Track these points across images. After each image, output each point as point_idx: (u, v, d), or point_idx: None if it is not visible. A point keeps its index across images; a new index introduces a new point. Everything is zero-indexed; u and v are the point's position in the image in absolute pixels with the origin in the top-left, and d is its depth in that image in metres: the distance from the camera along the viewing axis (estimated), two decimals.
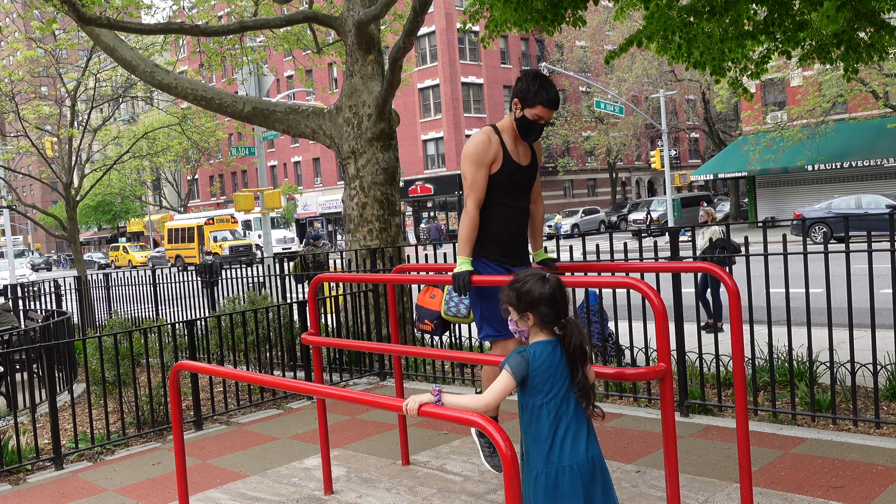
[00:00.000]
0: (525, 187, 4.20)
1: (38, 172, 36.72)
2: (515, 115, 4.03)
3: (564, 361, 2.82)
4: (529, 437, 2.85)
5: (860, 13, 6.95)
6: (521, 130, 4.07)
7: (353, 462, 5.35)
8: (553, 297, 2.83)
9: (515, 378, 2.77)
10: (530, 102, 3.95)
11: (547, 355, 2.81)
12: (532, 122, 4.00)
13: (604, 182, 57.28)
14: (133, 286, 13.61)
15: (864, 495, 4.11)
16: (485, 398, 2.80)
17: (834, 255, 5.40)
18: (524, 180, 4.17)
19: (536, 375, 2.79)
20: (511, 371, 2.77)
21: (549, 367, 2.80)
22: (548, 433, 2.80)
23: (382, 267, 8.10)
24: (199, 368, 4.25)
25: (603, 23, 48.24)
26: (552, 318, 2.83)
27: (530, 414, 2.83)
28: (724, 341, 7.18)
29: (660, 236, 30.93)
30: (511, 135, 4.11)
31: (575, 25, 7.64)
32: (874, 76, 26.20)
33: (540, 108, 3.95)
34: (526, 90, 3.95)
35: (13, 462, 5.86)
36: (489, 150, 4.04)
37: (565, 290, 2.91)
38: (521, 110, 3.99)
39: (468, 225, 4.06)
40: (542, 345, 2.83)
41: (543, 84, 3.94)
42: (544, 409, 2.80)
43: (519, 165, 4.12)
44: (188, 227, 42.49)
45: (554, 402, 2.80)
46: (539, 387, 2.80)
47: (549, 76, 32.05)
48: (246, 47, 15.70)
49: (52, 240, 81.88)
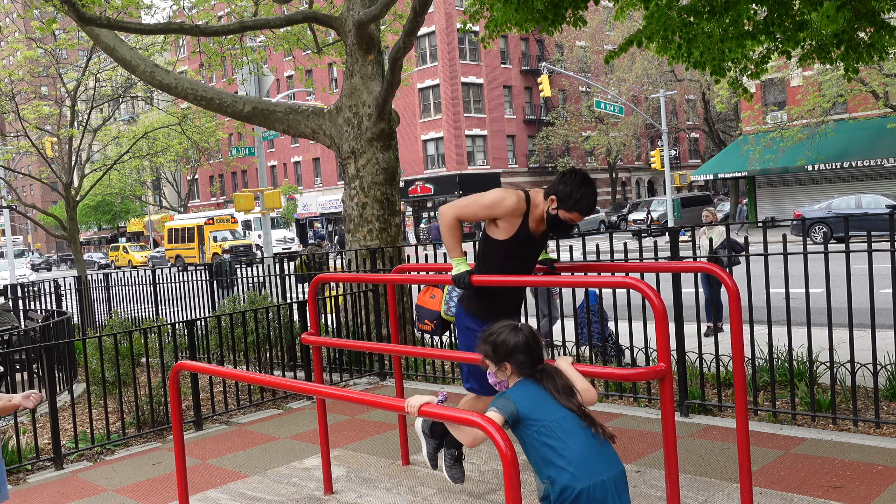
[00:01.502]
0: (534, 255, 4.16)
1: (38, 172, 36.71)
2: (549, 210, 3.93)
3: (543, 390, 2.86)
4: (547, 464, 2.78)
5: (860, 13, 6.95)
6: (550, 225, 3.99)
7: (353, 462, 5.35)
8: (527, 344, 2.91)
9: (504, 415, 2.75)
10: (569, 207, 3.86)
11: (528, 388, 2.87)
12: (562, 222, 3.93)
13: (604, 182, 57.26)
14: (133, 286, 13.61)
15: (864, 495, 4.11)
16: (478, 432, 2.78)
17: (834, 255, 5.40)
18: (534, 248, 4.13)
19: (525, 408, 2.79)
20: (499, 410, 2.77)
21: (534, 396, 2.84)
22: (566, 451, 2.74)
23: (382, 267, 8.10)
24: (199, 368, 4.25)
25: (603, 23, 48.23)
26: (529, 364, 2.90)
27: (534, 445, 2.80)
28: (724, 341, 7.18)
29: (660, 236, 30.91)
30: (538, 214, 4.01)
31: (575, 25, 7.63)
32: (874, 76, 26.19)
33: (576, 214, 3.90)
34: (567, 194, 3.84)
35: (13, 462, 5.86)
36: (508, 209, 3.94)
37: (538, 337, 2.98)
38: (557, 209, 3.90)
39: (449, 230, 4.04)
40: (521, 383, 2.90)
41: (587, 193, 3.84)
42: (546, 436, 2.77)
43: (533, 237, 4.06)
44: (188, 227, 42.48)
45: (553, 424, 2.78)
46: (534, 416, 2.80)
47: (550, 75, 31.40)
48: (246, 47, 15.69)
49: (52, 240, 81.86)
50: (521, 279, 4.00)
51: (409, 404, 2.88)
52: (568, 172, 3.91)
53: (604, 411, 6.18)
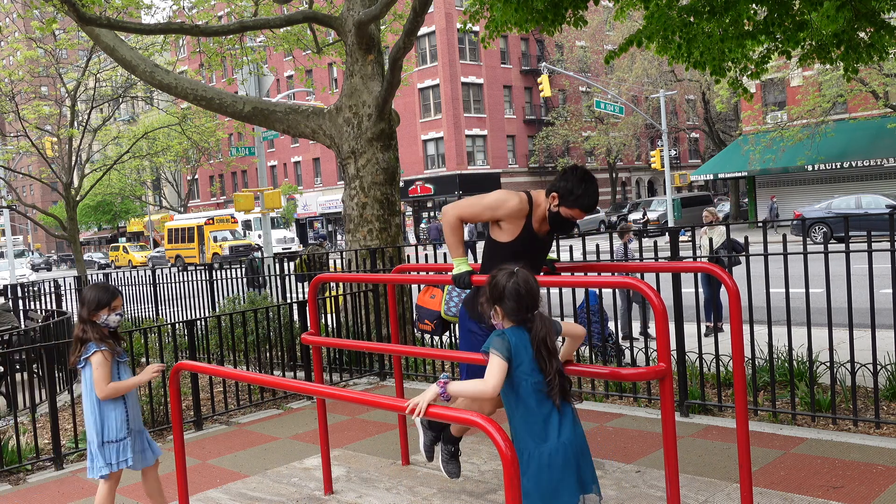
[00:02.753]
0: (539, 255, 4.14)
1: (38, 172, 36.73)
2: (550, 208, 3.93)
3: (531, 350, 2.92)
4: (518, 419, 2.92)
5: (860, 13, 6.95)
6: (551, 223, 3.99)
7: (353, 462, 5.35)
8: (516, 290, 2.90)
9: (503, 357, 2.84)
10: (570, 204, 3.85)
11: (520, 338, 2.90)
12: (564, 219, 3.93)
13: (604, 182, 57.25)
14: (133, 286, 13.61)
15: (864, 495, 4.11)
16: (492, 382, 2.84)
17: (834, 255, 5.40)
18: (539, 250, 4.11)
19: (517, 356, 2.87)
20: (497, 352, 2.85)
21: (526, 349, 2.89)
22: (537, 413, 2.88)
23: (382, 267, 8.10)
24: (199, 368, 4.25)
25: (603, 23, 48.24)
26: (517, 311, 2.91)
27: (514, 393, 2.91)
28: (724, 341, 7.18)
29: (659, 236, 30.91)
30: (541, 213, 4.00)
31: (576, 25, 7.64)
32: (874, 76, 26.20)
33: (577, 211, 3.88)
34: (569, 191, 3.83)
35: (13, 462, 5.86)
36: (510, 211, 3.93)
37: (533, 286, 2.96)
38: (558, 206, 3.89)
39: (451, 230, 4.03)
40: (515, 329, 2.93)
41: (588, 189, 3.83)
42: (532, 391, 2.88)
43: (536, 236, 4.05)
44: (188, 227, 42.47)
45: (539, 383, 2.89)
46: (523, 367, 2.88)
47: (550, 75, 31.34)
48: (246, 47, 15.69)
49: (52, 240, 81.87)
50: None
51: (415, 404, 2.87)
52: (569, 169, 3.90)
53: (604, 411, 6.18)
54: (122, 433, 4.08)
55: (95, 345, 4.03)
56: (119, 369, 4.15)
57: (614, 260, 6.36)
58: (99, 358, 4.02)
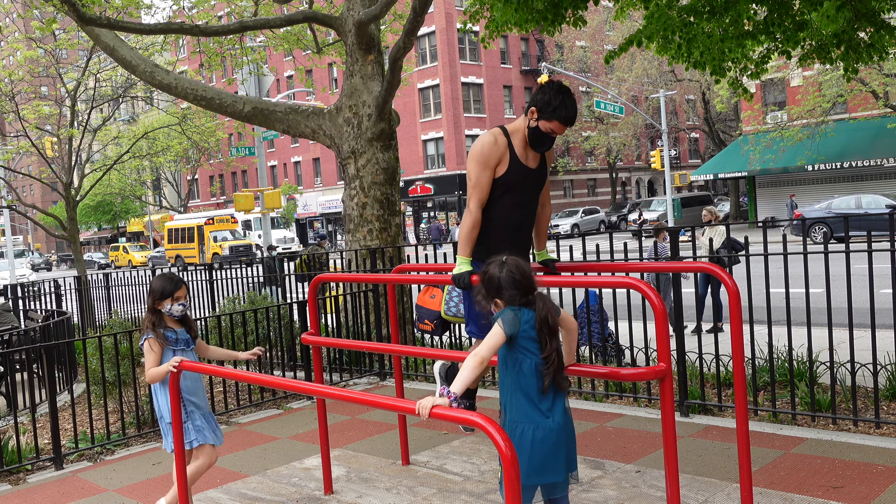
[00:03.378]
0: (532, 189, 4.14)
1: (38, 172, 36.73)
2: (529, 124, 3.95)
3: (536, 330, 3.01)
4: (514, 394, 3.02)
5: (860, 13, 6.95)
6: (531, 140, 3.99)
7: (353, 462, 5.35)
8: (511, 277, 3.00)
9: (506, 331, 2.94)
10: (548, 116, 3.86)
11: (529, 317, 2.99)
12: (544, 134, 3.93)
13: (604, 182, 57.28)
14: (133, 286, 13.62)
15: (864, 495, 4.11)
16: (480, 353, 2.95)
17: (834, 255, 5.40)
18: (532, 182, 4.11)
19: (525, 333, 2.97)
20: (503, 326, 2.95)
21: (531, 328, 2.98)
22: (537, 390, 2.99)
23: (382, 267, 8.10)
24: (198, 368, 4.25)
25: (603, 23, 48.25)
26: (518, 297, 3.00)
27: (517, 370, 3.00)
28: (724, 341, 7.18)
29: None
30: (521, 138, 4.04)
31: (575, 25, 7.64)
32: (874, 76, 26.20)
33: (556, 123, 3.88)
34: (546, 102, 3.84)
35: (13, 462, 5.86)
36: (495, 152, 3.98)
37: (525, 268, 3.05)
38: (537, 121, 3.90)
39: (469, 225, 4.03)
40: (523, 309, 3.01)
41: (565, 100, 3.84)
42: (534, 367, 2.97)
43: (527, 168, 4.05)
44: (188, 227, 42.48)
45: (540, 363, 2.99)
46: (527, 344, 2.98)
47: (551, 76, 31.64)
48: (246, 47, 15.70)
49: (52, 240, 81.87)
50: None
51: (422, 406, 2.85)
52: (546, 83, 3.93)
53: (604, 411, 6.18)
54: None
55: (146, 333, 4.27)
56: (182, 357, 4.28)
57: (614, 260, 6.37)
58: (146, 346, 4.26)
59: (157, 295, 4.27)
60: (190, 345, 4.39)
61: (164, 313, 4.30)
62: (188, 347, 4.37)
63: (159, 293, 4.27)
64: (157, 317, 4.30)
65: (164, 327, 4.29)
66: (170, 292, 4.27)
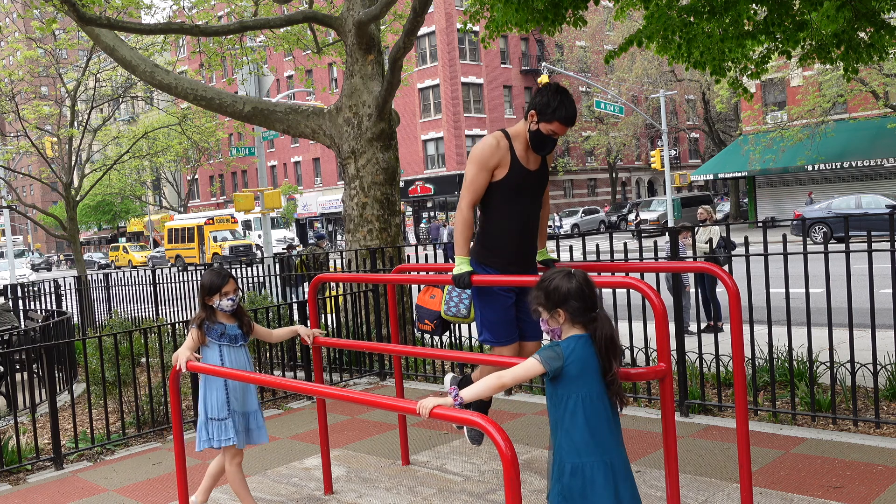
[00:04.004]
0: (534, 192, 4.14)
1: (38, 172, 36.72)
2: (530, 127, 3.96)
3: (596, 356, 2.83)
4: (563, 431, 2.83)
5: (860, 13, 6.95)
6: (533, 143, 4.00)
7: (353, 462, 5.35)
8: (581, 290, 2.84)
9: (546, 367, 2.78)
10: (548, 118, 3.87)
11: (581, 347, 2.82)
12: (546, 137, 3.94)
13: (604, 182, 57.27)
14: (133, 286, 13.61)
15: (864, 495, 4.11)
16: (504, 377, 2.82)
17: (834, 255, 5.39)
18: (533, 185, 4.11)
19: (571, 367, 2.79)
20: (541, 361, 2.79)
21: (583, 359, 2.81)
22: (584, 427, 2.80)
23: (382, 267, 8.10)
24: (198, 368, 4.25)
25: (603, 23, 48.26)
26: (582, 311, 2.84)
27: (565, 407, 2.83)
28: (724, 341, 7.18)
29: (659, 236, 30.91)
30: (522, 141, 4.05)
31: (576, 25, 7.64)
32: (874, 76, 26.20)
33: (557, 124, 3.89)
34: (545, 104, 3.86)
35: (13, 462, 5.86)
36: (495, 154, 3.99)
37: (592, 284, 2.91)
38: (537, 123, 3.91)
39: (462, 225, 4.05)
40: (576, 338, 2.84)
41: (564, 101, 3.86)
42: (581, 403, 2.80)
43: (527, 170, 4.06)
44: (188, 227, 42.47)
45: (590, 395, 2.81)
46: (575, 380, 2.80)
47: (551, 76, 31.47)
48: (246, 47, 15.70)
49: (52, 240, 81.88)
50: (522, 279, 3.99)
51: (422, 406, 2.84)
52: (544, 86, 3.94)
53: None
54: (223, 413, 4.26)
55: (193, 324, 4.31)
56: (222, 351, 4.31)
57: (614, 260, 6.36)
58: (189, 336, 4.29)
59: (206, 290, 4.25)
60: (239, 340, 4.36)
61: (216, 308, 4.28)
62: (236, 343, 4.35)
63: (207, 288, 4.25)
64: (207, 312, 4.28)
65: (214, 322, 4.27)
66: (218, 287, 4.24)
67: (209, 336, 4.29)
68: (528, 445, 5.37)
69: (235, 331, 4.35)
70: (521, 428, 5.81)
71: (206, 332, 4.29)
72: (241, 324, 4.39)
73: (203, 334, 4.28)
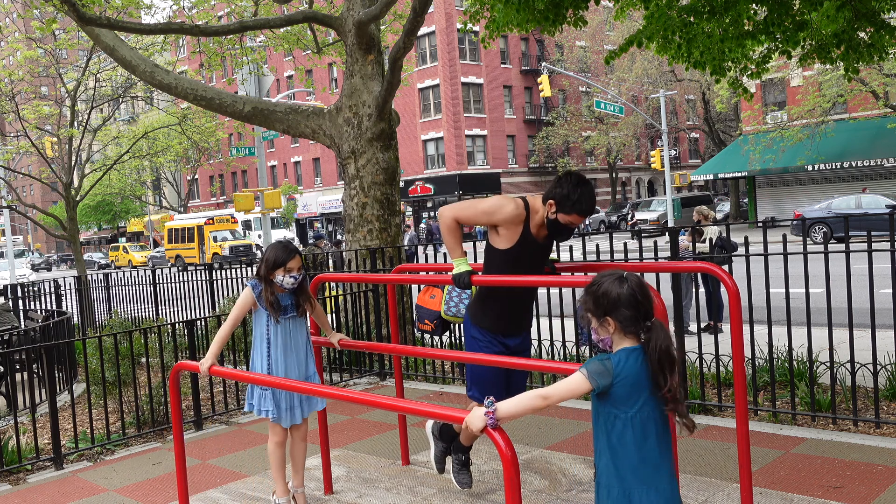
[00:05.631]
0: (538, 262, 4.14)
1: (38, 172, 36.72)
2: (548, 215, 3.93)
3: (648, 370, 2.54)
4: (610, 453, 2.58)
5: (860, 13, 6.95)
6: (550, 230, 3.99)
7: (353, 462, 5.35)
8: (633, 297, 2.54)
9: (593, 384, 2.51)
10: (567, 210, 3.85)
11: (633, 362, 2.53)
12: (563, 226, 3.93)
13: (604, 182, 57.26)
14: (133, 286, 13.61)
15: (864, 495, 4.11)
16: (549, 393, 2.52)
17: (834, 255, 5.39)
18: (537, 255, 4.11)
19: (621, 385, 2.51)
20: (588, 376, 2.51)
21: (635, 375, 2.52)
22: (633, 451, 2.55)
23: (382, 267, 8.10)
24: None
25: (603, 23, 48.24)
26: (634, 320, 2.54)
27: (612, 427, 2.57)
28: (724, 341, 7.18)
29: (659, 236, 30.91)
30: (539, 219, 4.00)
31: (576, 25, 7.63)
32: (874, 76, 26.20)
33: (575, 216, 3.88)
34: (565, 196, 3.83)
35: (13, 462, 5.86)
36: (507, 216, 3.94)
37: (647, 290, 2.60)
38: (556, 213, 3.89)
39: (448, 230, 4.04)
40: (628, 351, 2.55)
41: (584, 194, 3.83)
42: (630, 424, 2.54)
43: (536, 242, 4.05)
44: (188, 227, 42.47)
45: (640, 415, 2.54)
46: (625, 398, 2.53)
47: (550, 76, 31.34)
48: (246, 47, 15.70)
49: (52, 240, 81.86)
50: (521, 279, 4.00)
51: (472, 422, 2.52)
52: (563, 176, 3.90)
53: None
54: None
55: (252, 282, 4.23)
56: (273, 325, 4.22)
57: (614, 260, 6.37)
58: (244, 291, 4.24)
59: (270, 264, 4.14)
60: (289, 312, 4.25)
61: (276, 284, 4.17)
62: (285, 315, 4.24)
63: (272, 262, 4.13)
64: (267, 286, 4.18)
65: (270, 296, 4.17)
66: (283, 262, 4.13)
67: (259, 303, 4.22)
68: (528, 445, 5.37)
69: (286, 301, 4.25)
70: (521, 428, 5.81)
71: (258, 298, 4.20)
72: (298, 301, 4.29)
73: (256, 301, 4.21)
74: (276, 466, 4.38)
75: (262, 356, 4.28)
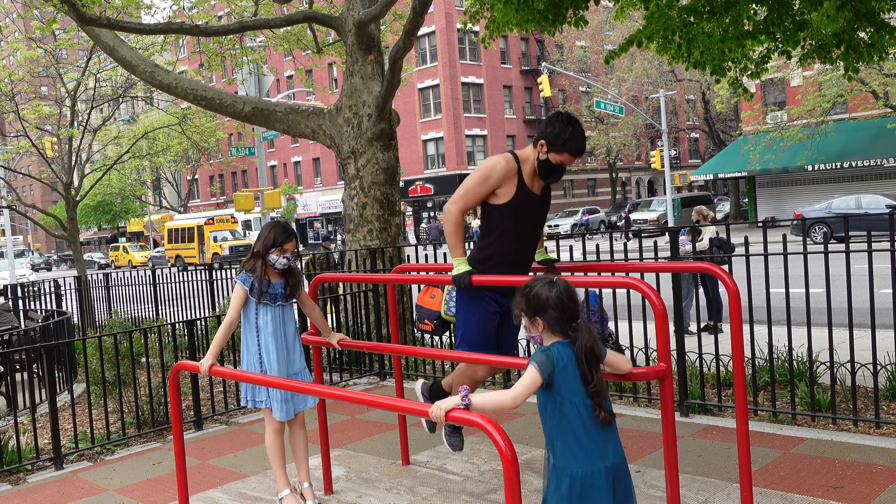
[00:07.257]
0: (536, 217, 4.14)
1: (38, 172, 36.72)
2: (538, 156, 3.94)
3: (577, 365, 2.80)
4: (559, 438, 2.82)
5: (860, 13, 6.95)
6: (541, 171, 3.99)
7: (353, 462, 5.35)
8: (560, 300, 2.80)
9: (542, 375, 2.76)
10: (558, 148, 3.86)
11: (569, 353, 2.80)
12: (554, 166, 3.93)
13: (604, 182, 57.28)
14: (133, 286, 13.61)
15: (864, 495, 4.11)
16: (514, 392, 2.78)
17: (834, 255, 5.39)
18: (535, 210, 4.12)
19: (561, 373, 2.77)
20: (537, 367, 2.76)
21: (571, 364, 2.79)
22: (579, 432, 2.79)
23: (382, 267, 8.10)
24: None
25: (603, 23, 48.25)
26: (561, 321, 2.80)
27: (559, 413, 2.81)
28: (724, 341, 7.18)
29: (659, 236, 30.92)
30: (530, 167, 4.03)
31: (576, 25, 7.63)
32: (874, 76, 26.20)
33: (566, 155, 3.88)
34: (556, 135, 3.84)
35: (13, 462, 5.86)
36: (503, 174, 3.96)
37: (574, 294, 2.86)
38: (547, 153, 3.90)
39: (454, 227, 4.04)
40: (562, 344, 2.82)
41: (575, 132, 3.85)
42: (574, 409, 2.78)
43: (532, 195, 4.06)
44: (188, 227, 42.47)
45: (584, 400, 2.78)
46: (566, 384, 2.78)
47: (550, 76, 31.42)
48: (246, 47, 15.70)
49: (52, 240, 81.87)
50: (521, 279, 3.99)
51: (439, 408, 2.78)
52: (554, 115, 3.92)
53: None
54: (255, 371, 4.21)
55: (241, 274, 4.22)
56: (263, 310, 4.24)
57: (614, 260, 6.37)
58: (235, 287, 4.25)
59: (268, 242, 4.16)
60: (279, 300, 4.27)
61: (269, 264, 4.19)
62: (275, 303, 4.26)
63: (270, 241, 4.15)
64: (258, 262, 4.18)
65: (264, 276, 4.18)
66: (280, 242, 4.15)
67: (251, 295, 4.22)
68: (528, 445, 5.37)
69: (278, 289, 4.26)
70: (521, 428, 5.81)
71: (250, 290, 4.21)
72: (287, 284, 4.30)
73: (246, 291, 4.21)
74: (275, 457, 4.36)
75: (251, 348, 4.29)
